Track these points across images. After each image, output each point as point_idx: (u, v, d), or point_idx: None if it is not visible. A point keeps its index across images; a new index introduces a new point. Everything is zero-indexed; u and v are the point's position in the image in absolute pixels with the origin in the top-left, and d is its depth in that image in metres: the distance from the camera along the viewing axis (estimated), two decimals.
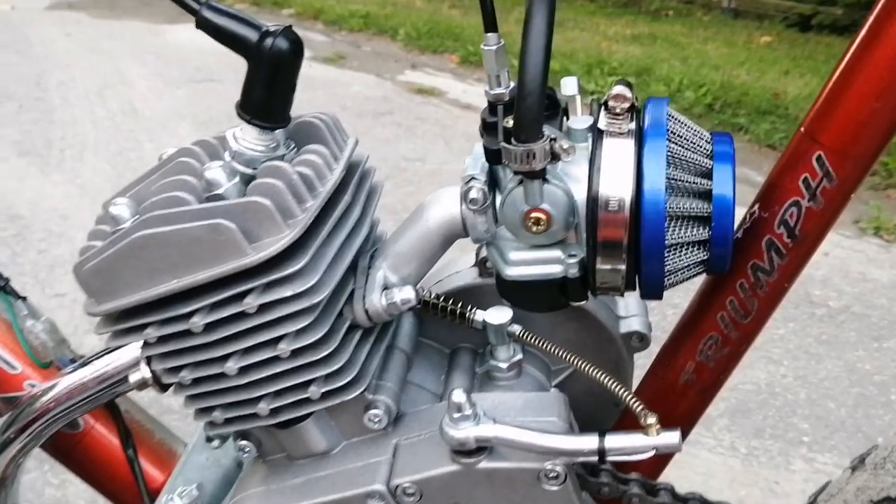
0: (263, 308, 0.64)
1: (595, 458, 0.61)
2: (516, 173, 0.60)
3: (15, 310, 0.82)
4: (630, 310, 0.82)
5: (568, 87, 0.66)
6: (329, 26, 6.65)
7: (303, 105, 0.67)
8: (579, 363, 0.70)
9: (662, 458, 0.77)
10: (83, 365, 0.80)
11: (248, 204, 0.61)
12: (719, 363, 0.70)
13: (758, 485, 2.08)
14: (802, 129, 0.63)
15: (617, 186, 0.59)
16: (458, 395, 0.64)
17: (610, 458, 0.61)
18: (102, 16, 6.75)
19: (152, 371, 0.72)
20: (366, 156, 0.76)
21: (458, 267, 0.83)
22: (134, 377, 0.73)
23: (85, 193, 3.55)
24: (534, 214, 0.61)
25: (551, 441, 0.62)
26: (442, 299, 0.79)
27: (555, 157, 0.58)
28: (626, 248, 0.60)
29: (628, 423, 0.73)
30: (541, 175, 0.59)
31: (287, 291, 0.62)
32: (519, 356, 0.78)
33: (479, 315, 0.77)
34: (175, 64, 5.37)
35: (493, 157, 0.62)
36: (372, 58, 5.82)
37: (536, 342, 0.74)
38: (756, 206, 0.66)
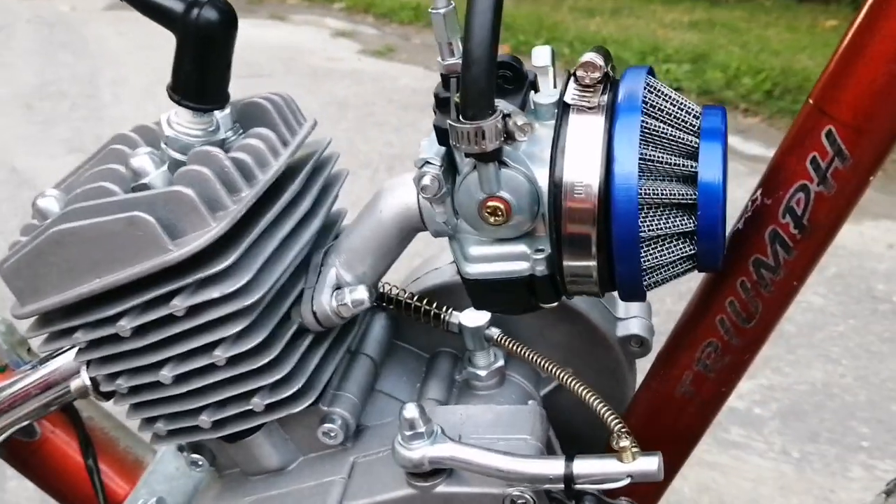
0: (193, 310, 0.57)
1: (560, 486, 0.52)
2: (468, 156, 0.51)
3: None
4: (630, 310, 0.73)
5: (539, 57, 0.57)
6: (379, 19, 6.60)
7: (348, 98, 0.59)
8: (557, 371, 0.61)
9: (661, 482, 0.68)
10: (34, 369, 0.74)
11: (170, 194, 0.55)
12: (720, 374, 0.60)
13: (811, 493, 1.96)
14: (811, 100, 0.53)
15: (583, 170, 0.50)
16: (410, 411, 0.56)
17: (578, 486, 0.52)
18: None
19: (91, 378, 0.66)
20: (327, 140, 0.68)
21: (438, 263, 0.75)
22: (75, 384, 0.67)
23: None
24: (490, 203, 0.52)
25: (512, 464, 0.54)
26: (416, 299, 0.71)
27: (509, 136, 0.49)
28: (595, 241, 0.51)
29: None
30: (494, 157, 0.50)
31: (215, 292, 0.55)
32: (500, 363, 0.70)
33: (455, 317, 0.69)
34: None
35: (443, 137, 0.53)
36: (421, 50, 5.75)
37: (515, 347, 0.66)
38: (758, 192, 0.56)
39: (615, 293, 0.57)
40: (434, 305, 0.70)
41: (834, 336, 2.48)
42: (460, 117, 0.49)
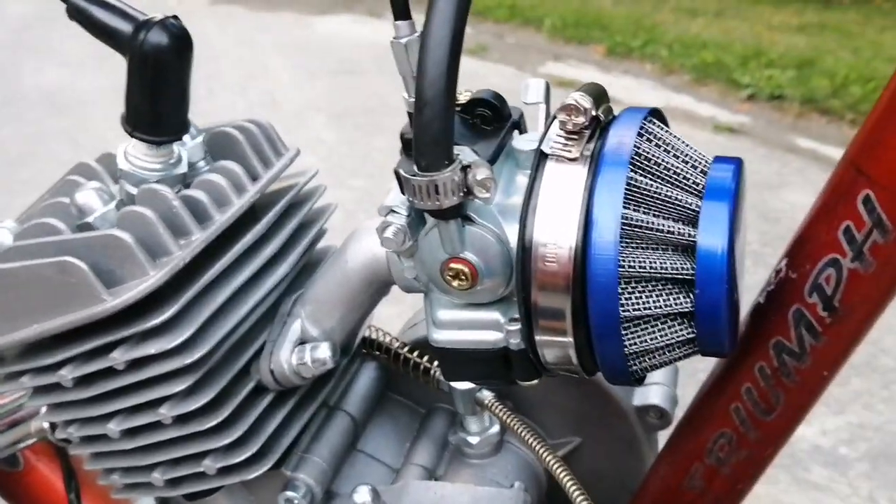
0: (135, 365, 0.52)
1: None
2: (424, 211, 0.44)
3: None
4: (652, 376, 0.63)
5: (531, 92, 0.49)
6: (474, 17, 6.54)
7: None
8: (543, 452, 0.53)
9: None
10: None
11: (107, 238, 0.49)
12: (735, 469, 0.51)
13: None
14: (847, 156, 0.43)
15: (556, 232, 0.42)
16: (362, 496, 0.49)
17: None
18: (258, 8, 6.99)
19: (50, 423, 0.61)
20: (311, 172, 0.62)
21: None
22: (34, 426, 0.63)
23: None
24: (453, 265, 0.45)
25: None
26: (406, 349, 0.64)
27: (469, 191, 0.42)
28: (571, 316, 0.43)
29: None
30: (454, 215, 0.43)
31: (151, 349, 0.50)
32: (495, 429, 0.62)
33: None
34: (319, 55, 5.45)
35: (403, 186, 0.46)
36: (514, 49, 5.68)
37: (505, 416, 0.58)
38: (783, 263, 0.46)
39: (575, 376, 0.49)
40: (424, 359, 0.63)
41: None
42: (415, 167, 0.42)
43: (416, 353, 0.64)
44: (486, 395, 0.60)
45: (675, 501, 0.54)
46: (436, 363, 0.63)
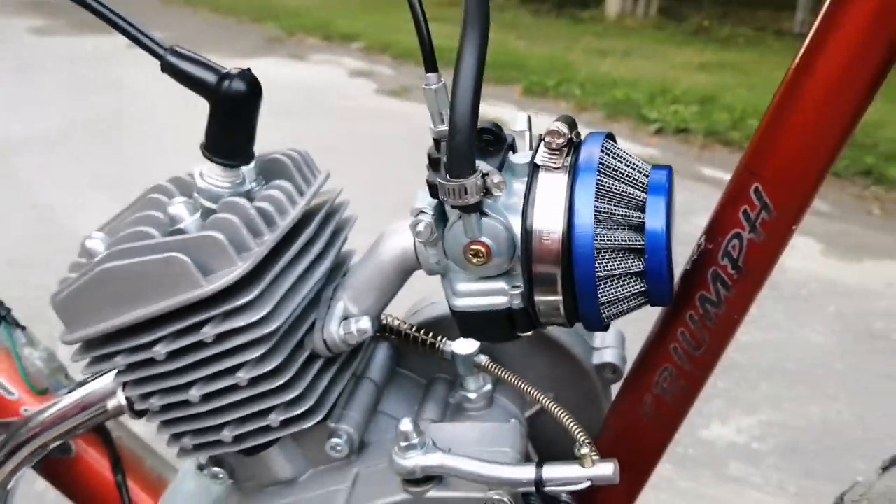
0: (221, 337, 0.66)
1: (532, 488, 0.61)
2: (453, 207, 0.61)
3: (14, 339, 0.87)
4: (606, 341, 0.82)
5: (518, 122, 0.67)
6: (396, 59, 6.78)
7: (364, 136, 0.69)
8: (534, 392, 0.70)
9: (630, 491, 0.76)
10: (72, 391, 0.84)
11: (203, 238, 0.64)
12: (676, 397, 0.69)
13: None
14: (742, 161, 0.62)
15: (549, 219, 0.60)
16: (405, 425, 0.65)
17: (547, 488, 0.61)
18: None
19: (127, 398, 0.75)
20: (338, 190, 0.78)
21: (435, 299, 0.84)
22: (111, 404, 0.77)
23: None
24: (473, 247, 0.62)
25: (490, 470, 0.63)
26: (414, 329, 0.81)
27: (488, 191, 0.59)
28: (560, 280, 0.60)
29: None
30: (475, 209, 0.60)
31: (240, 321, 0.65)
32: (488, 387, 0.79)
33: (449, 345, 0.78)
34: None
35: (435, 191, 0.63)
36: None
37: (500, 373, 0.75)
38: (703, 238, 0.65)
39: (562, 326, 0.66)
40: (430, 335, 0.80)
41: (832, 373, 2.54)
42: (447, 176, 0.59)
43: (422, 332, 0.80)
44: (483, 358, 0.77)
45: (633, 428, 0.72)
46: (440, 338, 0.79)
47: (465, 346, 0.76)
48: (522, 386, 0.73)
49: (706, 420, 2.33)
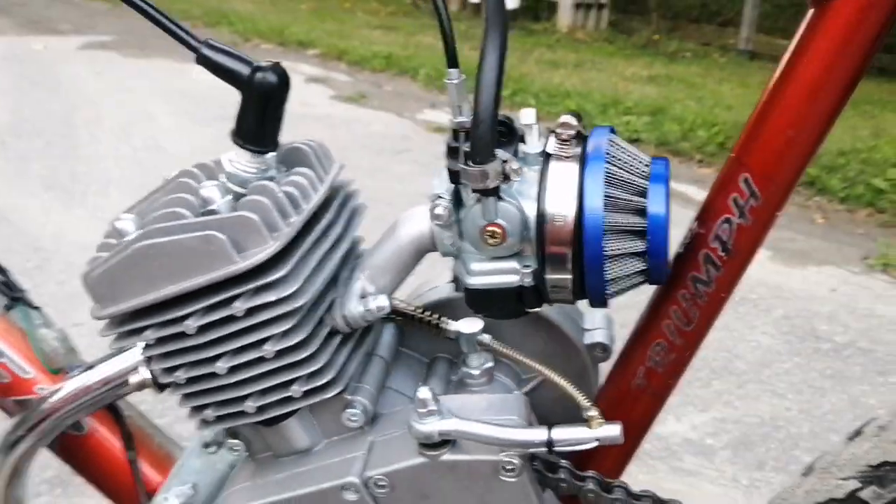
0: (251, 312, 0.71)
1: (544, 448, 0.67)
2: (473, 191, 0.67)
3: (30, 319, 0.90)
4: (595, 322, 0.88)
5: (526, 116, 0.74)
6: (352, 66, 6.82)
7: (324, 142, 0.75)
8: (537, 366, 0.76)
9: (622, 458, 0.83)
10: (87, 370, 0.87)
11: (238, 218, 0.69)
12: (667, 369, 0.76)
13: None
14: (733, 153, 0.70)
15: (561, 204, 0.66)
16: (424, 393, 0.70)
17: (557, 449, 0.67)
18: (132, 55, 6.97)
19: (151, 372, 0.79)
20: (350, 179, 0.84)
21: (437, 283, 0.90)
22: (134, 378, 0.81)
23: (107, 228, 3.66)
24: (490, 228, 0.68)
25: (505, 433, 0.69)
26: (420, 311, 0.86)
27: (506, 177, 0.65)
28: (571, 259, 0.67)
29: None
30: (494, 193, 0.66)
31: (271, 296, 0.70)
32: (490, 364, 0.85)
33: (453, 325, 0.84)
34: (199, 103, 5.54)
35: (454, 177, 0.69)
36: (393, 97, 5.96)
37: (503, 350, 0.81)
38: (695, 223, 0.73)
39: (584, 308, 0.72)
40: (436, 316, 0.85)
41: (780, 373, 2.66)
42: (469, 162, 0.65)
43: (427, 313, 0.86)
44: (486, 337, 0.83)
45: (626, 397, 0.79)
46: (444, 318, 0.85)
47: (469, 325, 0.82)
48: (525, 361, 0.79)
49: (661, 416, 2.40)
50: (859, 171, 4.21)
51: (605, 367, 0.89)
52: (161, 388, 0.80)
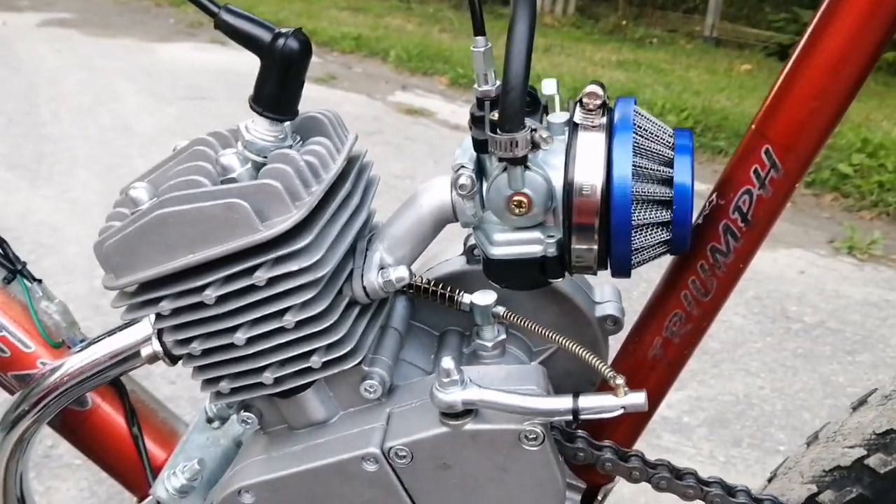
0: (272, 281, 0.70)
1: (570, 417, 0.68)
2: (500, 160, 0.67)
3: (31, 292, 0.87)
4: (605, 296, 0.89)
5: (548, 87, 0.74)
6: (321, 47, 6.75)
7: None
8: (556, 337, 0.77)
9: (635, 428, 0.84)
10: (90, 345, 0.86)
11: (261, 186, 0.68)
12: (683, 339, 0.77)
13: None
14: (754, 125, 0.70)
15: (589, 174, 0.66)
16: (447, 363, 0.70)
17: (583, 417, 0.68)
18: (94, 33, 6.83)
19: (163, 344, 0.78)
20: (364, 150, 0.83)
21: (447, 256, 0.90)
22: (145, 351, 0.79)
23: (75, 207, 3.59)
24: (516, 198, 0.68)
25: (531, 402, 0.69)
26: (433, 284, 0.86)
27: (535, 145, 0.65)
28: (597, 229, 0.67)
29: None
30: (523, 162, 0.66)
31: (294, 266, 0.69)
32: (503, 336, 0.85)
33: (467, 298, 0.84)
34: (166, 81, 5.45)
35: (480, 146, 0.69)
36: (363, 79, 5.92)
37: (519, 321, 0.81)
38: (714, 195, 0.73)
39: (594, 281, 0.72)
40: (448, 289, 0.85)
41: (753, 352, 2.71)
42: (498, 130, 0.64)
43: (440, 286, 0.85)
44: (500, 309, 0.83)
45: (642, 367, 0.80)
46: (458, 292, 0.85)
47: (483, 297, 0.82)
48: (541, 330, 0.79)
49: None
50: (825, 156, 4.28)
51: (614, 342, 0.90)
52: (174, 360, 0.79)
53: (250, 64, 0.70)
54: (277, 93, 0.71)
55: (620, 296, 0.90)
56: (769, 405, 2.45)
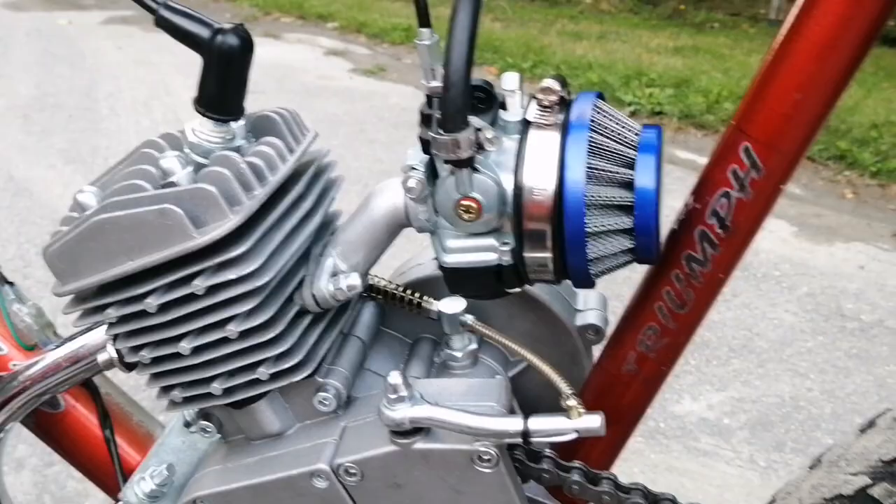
0: (212, 290, 0.67)
1: (519, 440, 0.63)
2: (446, 162, 0.62)
3: (2, 294, 0.86)
4: (588, 303, 0.83)
5: (508, 81, 0.68)
6: (371, 39, 6.74)
7: (339, 116, 0.70)
8: (520, 349, 0.72)
9: (612, 448, 0.78)
10: (60, 346, 0.84)
11: (196, 190, 0.65)
12: (659, 354, 0.71)
13: None
14: (733, 121, 0.64)
15: (541, 176, 0.61)
16: (395, 378, 0.66)
17: (534, 440, 0.63)
18: (153, 30, 6.94)
19: (117, 350, 0.75)
20: (326, 150, 0.79)
21: (421, 260, 0.85)
22: (101, 357, 0.77)
23: None
24: (464, 202, 0.63)
25: (478, 422, 0.64)
26: (401, 289, 0.81)
27: (480, 147, 0.60)
28: (551, 236, 0.62)
29: None
30: (468, 164, 0.61)
31: (232, 274, 0.65)
32: (473, 346, 0.80)
33: (434, 305, 0.79)
34: None
35: (428, 147, 0.64)
36: (412, 70, 5.88)
37: (486, 331, 0.76)
38: (690, 198, 0.67)
39: (574, 288, 0.67)
40: (417, 295, 0.81)
41: (802, 351, 2.59)
42: (440, 130, 0.59)
43: (409, 292, 0.81)
44: (469, 317, 0.78)
45: (616, 383, 0.74)
46: (426, 298, 0.80)
47: (451, 305, 0.77)
48: (508, 343, 0.74)
49: (677, 395, 2.37)
50: (892, 144, 4.08)
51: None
52: (129, 367, 0.76)
53: (303, 58, 0.67)
54: (219, 92, 0.68)
55: (606, 303, 0.84)
56: (817, 408, 2.34)
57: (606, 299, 0.85)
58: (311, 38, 6.81)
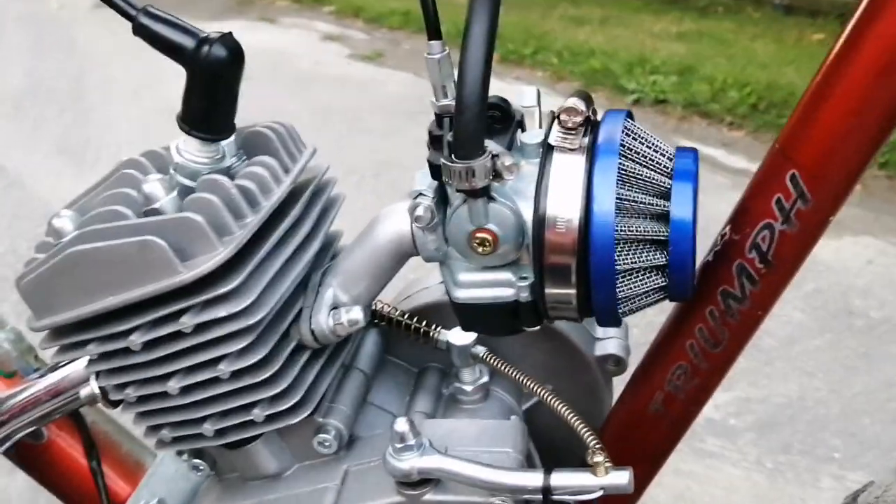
0: (200, 328, 0.61)
1: (539, 497, 0.57)
2: (458, 191, 0.56)
3: None
4: (608, 331, 0.77)
5: (526, 97, 0.62)
6: (369, 24, 6.63)
7: (334, 103, 0.63)
8: (536, 388, 0.66)
9: (637, 490, 0.72)
10: (42, 377, 0.78)
11: (181, 220, 0.59)
12: (689, 395, 0.65)
13: (782, 501, 2.01)
14: (777, 144, 0.57)
15: (564, 206, 0.55)
16: (401, 425, 0.60)
17: (556, 497, 0.57)
18: None
19: (101, 387, 0.69)
20: (325, 167, 0.72)
21: (428, 283, 0.79)
22: (84, 392, 0.71)
23: None
24: (479, 235, 0.56)
25: (495, 476, 0.58)
26: (406, 317, 0.75)
27: (497, 175, 0.54)
28: (575, 271, 0.55)
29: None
30: (483, 194, 0.55)
31: (221, 311, 0.59)
32: (484, 379, 0.74)
33: (444, 335, 0.73)
34: None
35: (436, 172, 0.58)
36: (410, 56, 5.79)
37: (500, 366, 0.71)
38: (727, 228, 0.61)
39: (572, 321, 0.61)
40: (424, 323, 0.75)
41: (809, 350, 2.54)
42: (452, 156, 0.53)
43: (415, 319, 0.75)
44: (480, 349, 0.72)
45: (639, 423, 0.68)
46: (433, 326, 0.74)
47: (461, 336, 0.72)
48: (524, 381, 0.68)
49: None
50: None
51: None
52: (113, 403, 0.70)
53: (299, 43, 0.60)
54: (206, 108, 0.61)
55: (627, 330, 0.78)
56: (825, 408, 2.29)
57: (627, 325, 0.79)
58: (308, 23, 6.69)
